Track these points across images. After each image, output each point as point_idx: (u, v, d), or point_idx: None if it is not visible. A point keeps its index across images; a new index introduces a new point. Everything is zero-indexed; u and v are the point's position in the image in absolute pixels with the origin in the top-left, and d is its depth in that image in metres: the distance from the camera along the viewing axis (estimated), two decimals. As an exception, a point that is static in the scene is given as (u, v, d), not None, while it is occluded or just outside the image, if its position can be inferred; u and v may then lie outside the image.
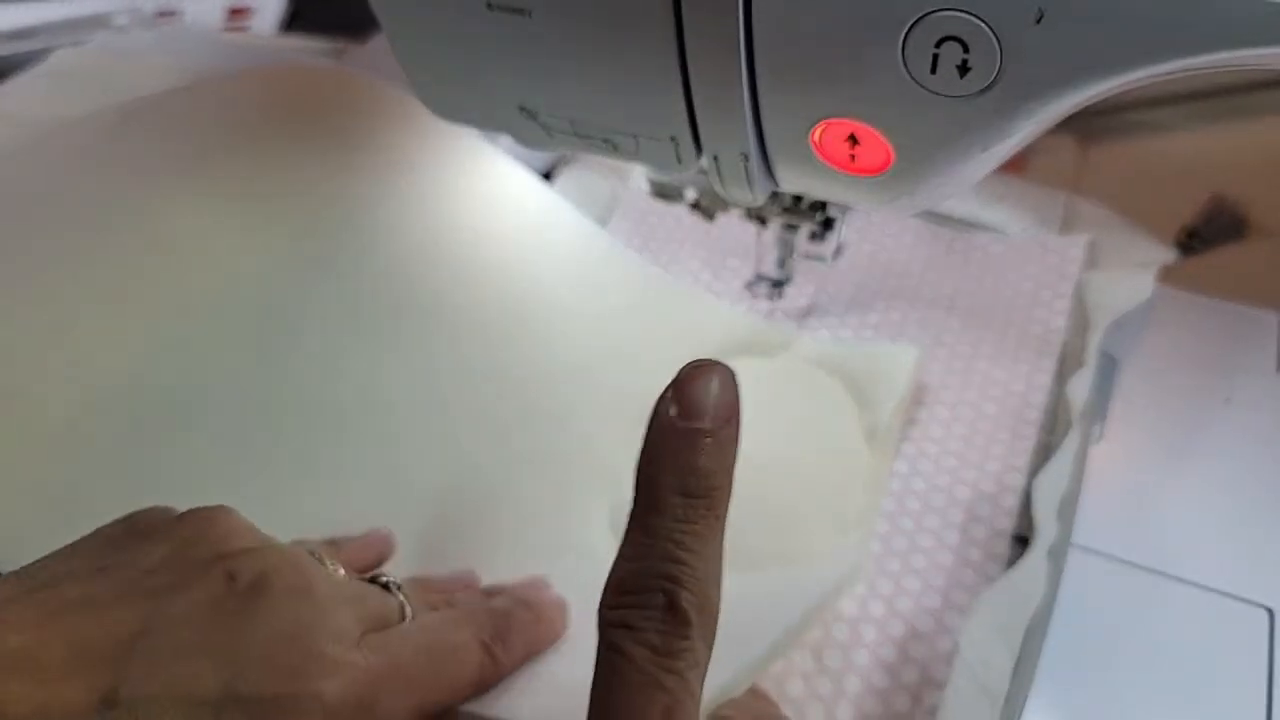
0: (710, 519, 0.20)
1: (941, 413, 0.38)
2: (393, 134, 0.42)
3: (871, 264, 0.44)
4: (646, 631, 0.19)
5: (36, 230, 0.36)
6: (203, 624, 0.21)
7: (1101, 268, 0.42)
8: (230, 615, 0.21)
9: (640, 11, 0.23)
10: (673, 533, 0.19)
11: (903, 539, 0.34)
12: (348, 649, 0.22)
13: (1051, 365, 0.39)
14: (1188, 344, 0.40)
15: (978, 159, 0.23)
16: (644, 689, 0.18)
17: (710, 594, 0.20)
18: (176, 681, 0.20)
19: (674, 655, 0.19)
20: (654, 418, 0.20)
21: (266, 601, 0.22)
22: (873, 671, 0.31)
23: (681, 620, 0.19)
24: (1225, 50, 0.19)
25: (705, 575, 0.19)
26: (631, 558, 0.20)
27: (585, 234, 0.43)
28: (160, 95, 0.42)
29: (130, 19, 0.57)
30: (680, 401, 0.20)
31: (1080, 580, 0.33)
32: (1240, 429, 0.37)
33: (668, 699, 0.18)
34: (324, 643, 0.22)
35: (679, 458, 0.20)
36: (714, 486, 0.20)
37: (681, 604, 0.19)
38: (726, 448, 0.20)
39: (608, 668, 0.19)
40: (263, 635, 0.21)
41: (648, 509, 0.20)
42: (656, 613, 0.19)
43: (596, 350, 0.39)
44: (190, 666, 0.20)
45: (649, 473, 0.20)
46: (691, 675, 0.19)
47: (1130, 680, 0.30)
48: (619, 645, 0.19)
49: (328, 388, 0.35)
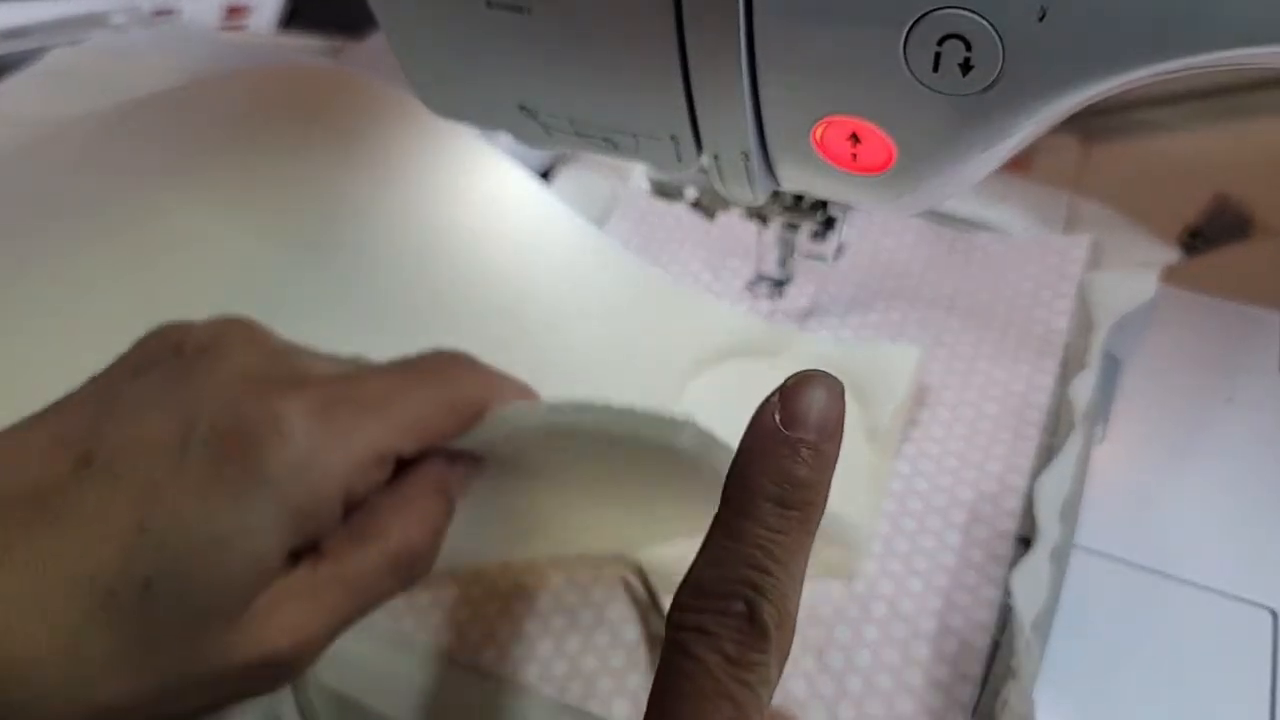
0: (802, 534, 0.19)
1: (943, 413, 0.38)
2: (391, 133, 0.42)
3: (872, 264, 0.44)
4: (722, 639, 0.18)
5: (33, 229, 0.36)
6: (159, 384, 0.22)
7: (1104, 267, 0.42)
8: (184, 372, 0.22)
9: (640, 9, 0.22)
10: (762, 540, 0.18)
11: (904, 540, 0.34)
12: (310, 376, 0.23)
13: (1054, 365, 0.39)
14: (1191, 344, 0.40)
15: (980, 158, 0.23)
16: (712, 698, 0.18)
17: (791, 612, 0.19)
18: (141, 432, 0.21)
19: (748, 667, 0.18)
20: (754, 422, 0.19)
21: (218, 356, 0.23)
22: (875, 672, 0.30)
23: (760, 632, 0.18)
24: (1228, 49, 0.18)
25: (788, 590, 0.19)
26: (714, 562, 0.19)
27: (584, 234, 0.43)
28: (157, 94, 0.42)
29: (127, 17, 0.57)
30: (785, 408, 0.19)
31: (1083, 581, 0.32)
32: (1243, 429, 0.37)
33: (734, 712, 0.18)
34: (280, 376, 0.23)
35: (778, 465, 0.19)
36: (810, 500, 0.19)
37: (763, 615, 0.18)
38: (827, 463, 0.19)
39: (675, 671, 0.18)
40: (217, 381, 0.22)
41: (738, 513, 0.19)
42: (735, 621, 0.18)
43: (596, 351, 0.39)
44: (152, 417, 0.21)
45: (743, 477, 0.19)
46: (762, 692, 0.18)
47: (1133, 681, 0.30)
48: (690, 648, 0.18)
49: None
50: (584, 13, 0.23)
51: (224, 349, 0.23)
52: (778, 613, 0.18)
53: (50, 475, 0.20)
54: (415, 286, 0.38)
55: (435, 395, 0.25)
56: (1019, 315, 0.41)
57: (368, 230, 0.39)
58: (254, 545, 0.21)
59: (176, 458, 0.21)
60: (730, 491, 0.19)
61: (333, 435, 0.22)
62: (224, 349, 0.23)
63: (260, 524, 0.21)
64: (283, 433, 0.21)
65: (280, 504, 0.21)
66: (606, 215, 0.46)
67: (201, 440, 0.21)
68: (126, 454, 0.21)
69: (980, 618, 0.31)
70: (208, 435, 0.21)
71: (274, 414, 0.21)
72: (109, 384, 0.23)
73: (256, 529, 0.21)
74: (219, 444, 0.21)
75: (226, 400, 0.21)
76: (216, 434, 0.21)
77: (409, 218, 0.40)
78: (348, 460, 0.22)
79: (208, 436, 0.21)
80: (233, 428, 0.21)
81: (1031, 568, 0.31)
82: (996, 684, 0.30)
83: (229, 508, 0.21)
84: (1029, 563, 0.31)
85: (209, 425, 0.21)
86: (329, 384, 0.23)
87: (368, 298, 0.37)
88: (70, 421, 0.22)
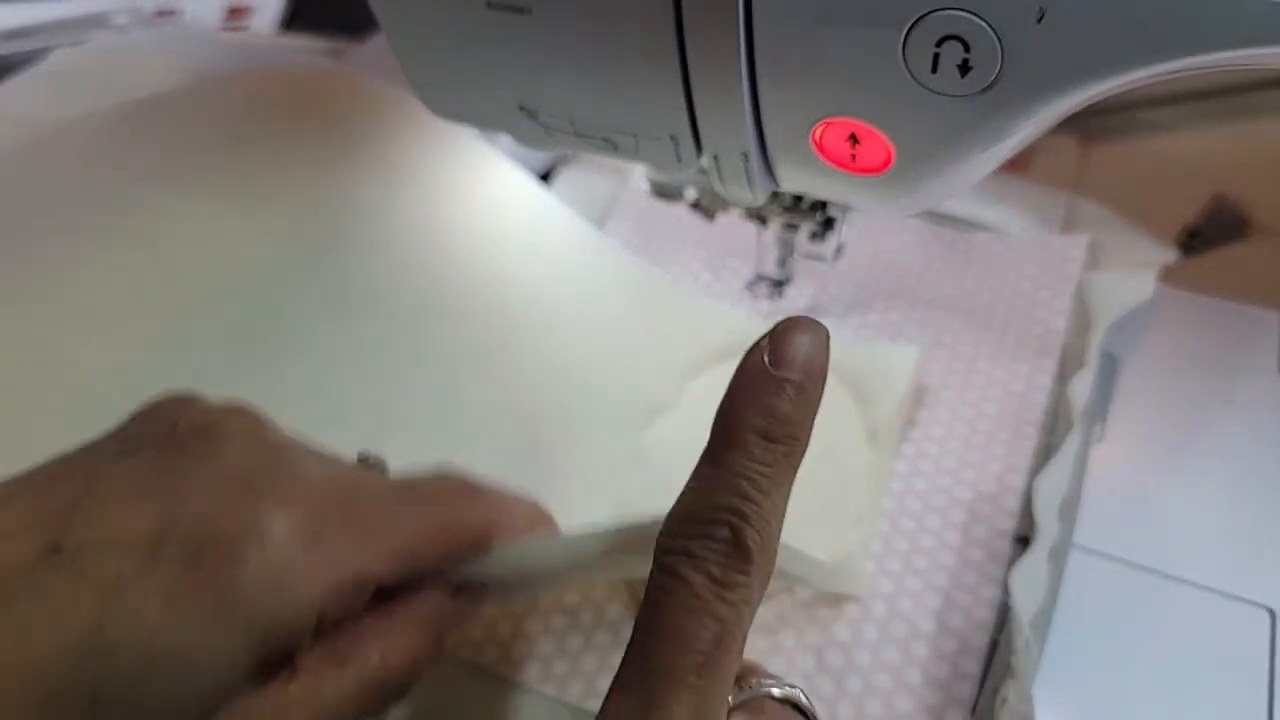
0: (785, 466, 0.20)
1: (942, 413, 0.38)
2: (392, 133, 0.42)
3: (872, 264, 0.44)
4: (708, 561, 0.19)
5: (35, 229, 0.36)
6: (145, 474, 0.21)
7: (1103, 267, 0.42)
8: (172, 460, 0.21)
9: (640, 10, 0.23)
10: (747, 470, 0.19)
11: (904, 539, 0.34)
12: (299, 486, 0.22)
13: (1052, 365, 0.39)
14: (1189, 344, 0.40)
15: (978, 158, 0.23)
16: (697, 614, 0.18)
17: (772, 540, 0.19)
18: (115, 524, 0.20)
19: (732, 587, 0.19)
20: (744, 362, 0.20)
21: (210, 447, 0.21)
22: (874, 671, 0.30)
23: (744, 555, 0.19)
24: (1226, 50, 0.19)
25: (771, 519, 0.19)
26: (700, 490, 0.20)
27: (584, 235, 0.43)
28: (159, 95, 0.42)
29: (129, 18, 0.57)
30: (774, 349, 0.20)
31: (1081, 580, 0.32)
32: (1242, 429, 0.37)
33: (719, 628, 0.18)
34: (272, 480, 0.21)
35: (763, 400, 0.20)
36: (793, 435, 0.20)
37: (746, 540, 0.19)
38: (810, 403, 0.20)
39: (661, 591, 0.19)
40: (205, 478, 0.21)
41: (724, 444, 0.20)
42: (720, 545, 0.19)
43: (596, 351, 0.39)
44: (129, 510, 0.20)
45: (730, 410, 0.20)
46: (745, 611, 0.19)
47: (1131, 681, 0.30)
48: (677, 570, 0.19)
49: (325, 388, 0.35)
50: (584, 13, 0.23)
51: (218, 440, 0.22)
52: (760, 538, 0.19)
53: (15, 556, 0.19)
54: (415, 287, 0.38)
55: (428, 522, 0.24)
56: (1018, 315, 0.41)
57: (368, 231, 0.39)
58: (216, 663, 0.20)
59: (148, 558, 0.19)
60: (718, 425, 0.20)
61: (314, 555, 0.21)
62: (218, 440, 0.22)
63: (225, 641, 0.20)
64: (263, 547, 0.20)
65: (249, 622, 0.20)
66: (606, 216, 0.46)
67: (177, 543, 0.20)
68: (96, 547, 0.19)
69: (979, 616, 0.32)
70: (184, 538, 0.20)
71: (257, 525, 0.20)
72: (95, 458, 0.22)
73: (221, 646, 0.20)
74: (195, 549, 0.20)
75: (209, 502, 0.20)
76: (194, 538, 0.20)
77: (409, 218, 0.40)
78: (326, 582, 0.21)
79: (184, 539, 0.20)
80: (211, 534, 0.20)
81: (1030, 567, 0.31)
82: (995, 683, 0.30)
83: (194, 621, 0.19)
84: (1027, 562, 0.31)
85: (187, 527, 0.20)
86: (318, 497, 0.22)
87: (368, 298, 0.37)
88: (47, 498, 0.20)
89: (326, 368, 0.35)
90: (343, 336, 0.36)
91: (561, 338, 0.39)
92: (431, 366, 0.37)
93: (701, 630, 0.18)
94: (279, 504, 0.21)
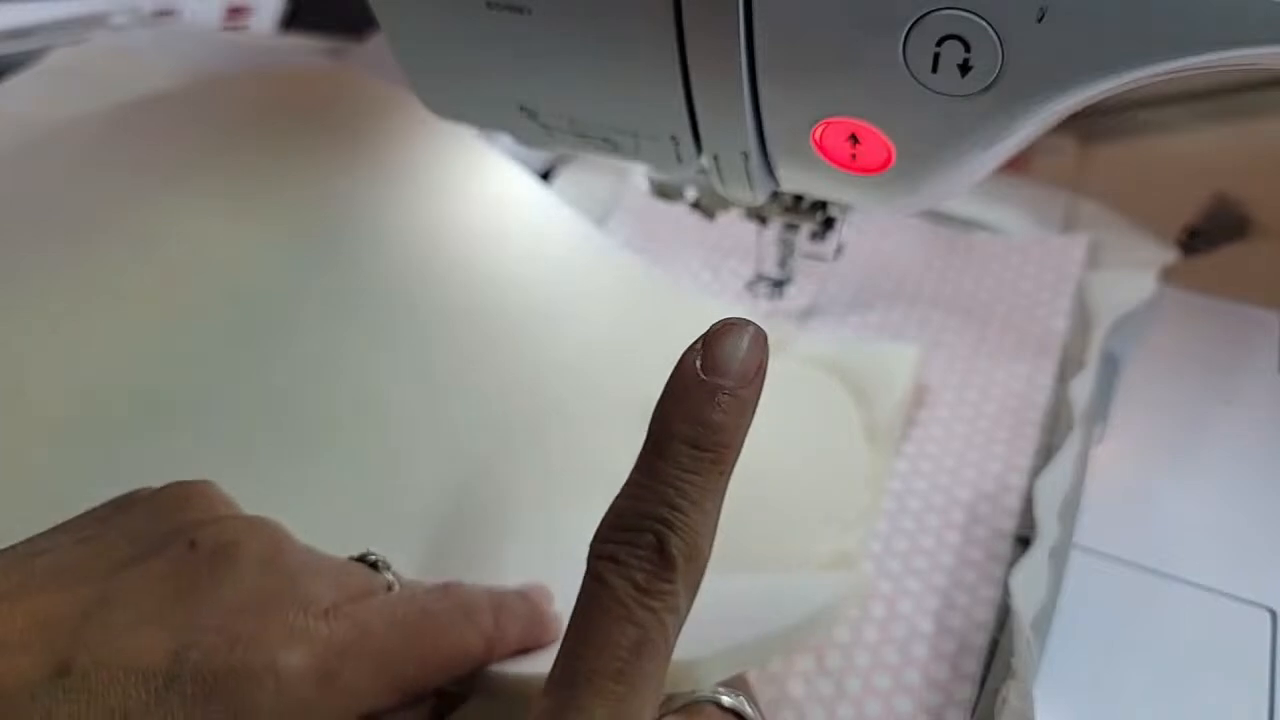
0: (714, 474, 0.20)
1: (942, 413, 0.38)
2: (392, 133, 0.42)
3: (872, 264, 0.44)
4: (632, 568, 0.19)
5: (34, 229, 0.36)
6: (160, 592, 0.20)
7: (1103, 267, 0.42)
8: (189, 583, 0.21)
9: (640, 10, 0.23)
10: (674, 479, 0.20)
11: (904, 539, 0.34)
12: (313, 619, 0.21)
13: (1052, 365, 0.39)
14: (1189, 344, 0.40)
15: (979, 158, 0.23)
16: (618, 620, 0.19)
17: (701, 547, 0.20)
18: (128, 650, 0.19)
19: (654, 595, 0.19)
20: (677, 366, 0.20)
21: (228, 569, 0.21)
22: (874, 672, 0.30)
23: (667, 563, 0.19)
24: (1226, 50, 0.19)
25: (699, 527, 0.20)
26: (629, 497, 0.20)
27: (584, 235, 0.43)
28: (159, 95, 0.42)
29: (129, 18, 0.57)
30: (706, 355, 0.20)
31: (1082, 581, 0.32)
32: (1242, 429, 0.37)
33: (639, 634, 0.19)
34: (286, 612, 0.21)
35: (694, 409, 0.20)
36: (723, 444, 0.20)
37: (670, 548, 0.19)
38: (744, 408, 0.20)
39: (587, 596, 0.19)
40: (221, 604, 0.21)
41: (653, 453, 0.20)
42: (645, 552, 0.19)
43: (596, 352, 0.39)
44: (143, 635, 0.20)
45: (662, 418, 0.20)
46: (668, 619, 0.19)
47: (1132, 680, 0.30)
48: (602, 575, 0.19)
49: (325, 389, 0.35)
50: (584, 14, 0.23)
51: (238, 560, 0.21)
52: (687, 547, 0.19)
53: (21, 673, 0.19)
54: (416, 287, 0.38)
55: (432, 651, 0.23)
56: (1018, 315, 0.41)
57: (368, 231, 0.39)
58: None
59: (161, 689, 0.19)
60: (650, 431, 0.20)
61: (326, 694, 0.21)
62: (238, 560, 0.21)
63: None
64: (277, 686, 0.20)
65: None
66: (607, 216, 0.46)
67: (190, 675, 0.19)
68: (108, 673, 0.19)
69: (979, 617, 0.31)
70: (197, 671, 0.19)
71: (272, 663, 0.20)
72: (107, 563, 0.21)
73: None
74: (208, 684, 0.19)
75: (224, 633, 0.20)
76: (207, 672, 0.20)
77: (409, 218, 0.40)
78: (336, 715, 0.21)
79: (196, 672, 0.19)
80: (225, 669, 0.20)
81: (1030, 567, 0.31)
82: (995, 683, 0.30)
83: None
84: (1028, 562, 0.31)
85: (200, 659, 0.20)
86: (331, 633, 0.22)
87: (368, 298, 0.37)
88: (56, 606, 0.20)
89: (326, 368, 0.35)
90: (343, 336, 0.36)
91: (562, 337, 0.39)
92: (432, 366, 0.37)
93: (622, 636, 0.19)
94: (293, 641, 0.21)
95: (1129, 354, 0.40)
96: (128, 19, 0.57)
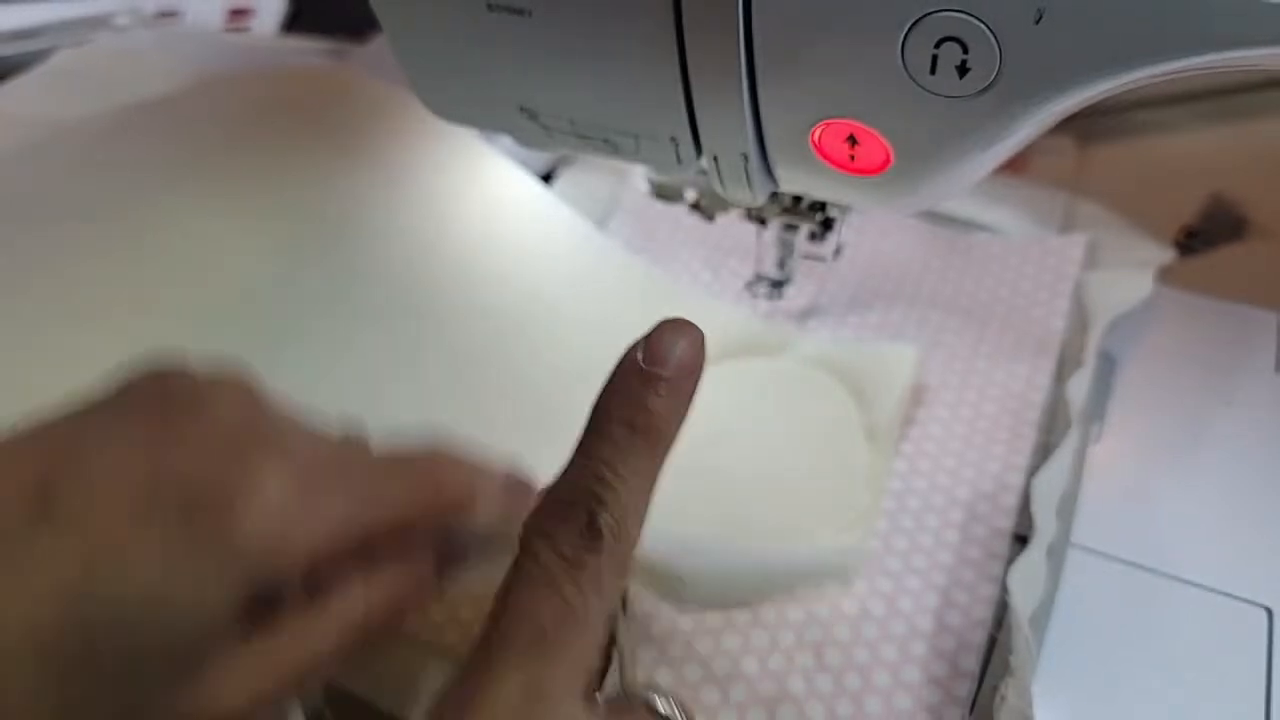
0: (647, 456, 0.21)
1: (941, 412, 0.38)
2: (393, 135, 0.42)
3: (871, 264, 0.44)
4: (559, 540, 0.20)
5: (37, 229, 0.36)
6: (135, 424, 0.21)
7: (1101, 268, 0.42)
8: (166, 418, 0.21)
9: (640, 11, 0.23)
10: (609, 457, 0.20)
11: (903, 538, 0.34)
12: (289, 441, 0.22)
13: (1050, 365, 0.39)
14: (1187, 344, 0.40)
15: (977, 159, 0.23)
16: (541, 590, 0.19)
17: (629, 527, 0.20)
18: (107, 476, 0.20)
19: (579, 567, 0.20)
20: (621, 359, 0.21)
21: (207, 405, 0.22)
22: (873, 669, 0.31)
23: (594, 534, 0.20)
24: (1225, 50, 0.19)
25: (629, 506, 0.20)
26: (566, 474, 0.21)
27: (584, 236, 0.43)
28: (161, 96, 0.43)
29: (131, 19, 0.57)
30: (648, 349, 0.21)
31: (1079, 579, 0.33)
32: (1239, 429, 0.37)
33: (561, 605, 0.19)
34: (262, 435, 0.21)
35: (633, 395, 0.21)
36: (658, 429, 0.21)
37: (599, 523, 0.20)
38: (680, 400, 0.21)
39: (518, 566, 0.20)
40: (196, 431, 0.21)
41: (591, 434, 0.21)
42: (574, 525, 0.20)
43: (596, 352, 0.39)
44: (120, 461, 0.20)
45: (602, 403, 0.21)
46: (591, 594, 0.20)
47: (1129, 678, 0.30)
48: (531, 546, 0.20)
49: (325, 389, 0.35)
50: (584, 15, 0.24)
51: (213, 402, 0.22)
52: (615, 524, 0.20)
53: (4, 509, 0.19)
54: (416, 287, 0.38)
55: (413, 482, 0.24)
56: (1016, 315, 0.41)
57: (369, 232, 0.39)
58: (209, 613, 0.20)
59: (142, 511, 0.19)
60: (590, 416, 0.21)
61: (307, 504, 0.21)
62: (213, 402, 0.22)
63: (218, 591, 0.20)
64: (258, 498, 0.20)
65: (242, 570, 0.20)
66: (607, 217, 0.47)
67: (171, 496, 0.20)
68: (89, 501, 0.19)
69: (978, 615, 0.32)
70: (177, 491, 0.20)
71: (251, 477, 0.20)
72: (86, 415, 0.21)
73: (213, 596, 0.20)
74: (189, 502, 0.20)
75: (202, 456, 0.20)
76: (187, 491, 0.20)
77: (411, 219, 0.40)
78: (318, 534, 0.21)
79: (177, 492, 0.20)
80: (205, 487, 0.20)
81: (1028, 565, 0.31)
82: (994, 680, 0.30)
83: (190, 574, 0.19)
84: (1026, 560, 0.31)
85: (180, 480, 0.20)
86: (310, 453, 0.22)
87: (369, 299, 0.37)
88: (37, 449, 0.20)
89: (326, 368, 0.35)
90: (343, 337, 0.36)
91: (562, 337, 0.39)
92: (432, 366, 0.37)
93: (544, 604, 0.19)
94: (272, 457, 0.21)
95: (1127, 354, 0.40)
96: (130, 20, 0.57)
